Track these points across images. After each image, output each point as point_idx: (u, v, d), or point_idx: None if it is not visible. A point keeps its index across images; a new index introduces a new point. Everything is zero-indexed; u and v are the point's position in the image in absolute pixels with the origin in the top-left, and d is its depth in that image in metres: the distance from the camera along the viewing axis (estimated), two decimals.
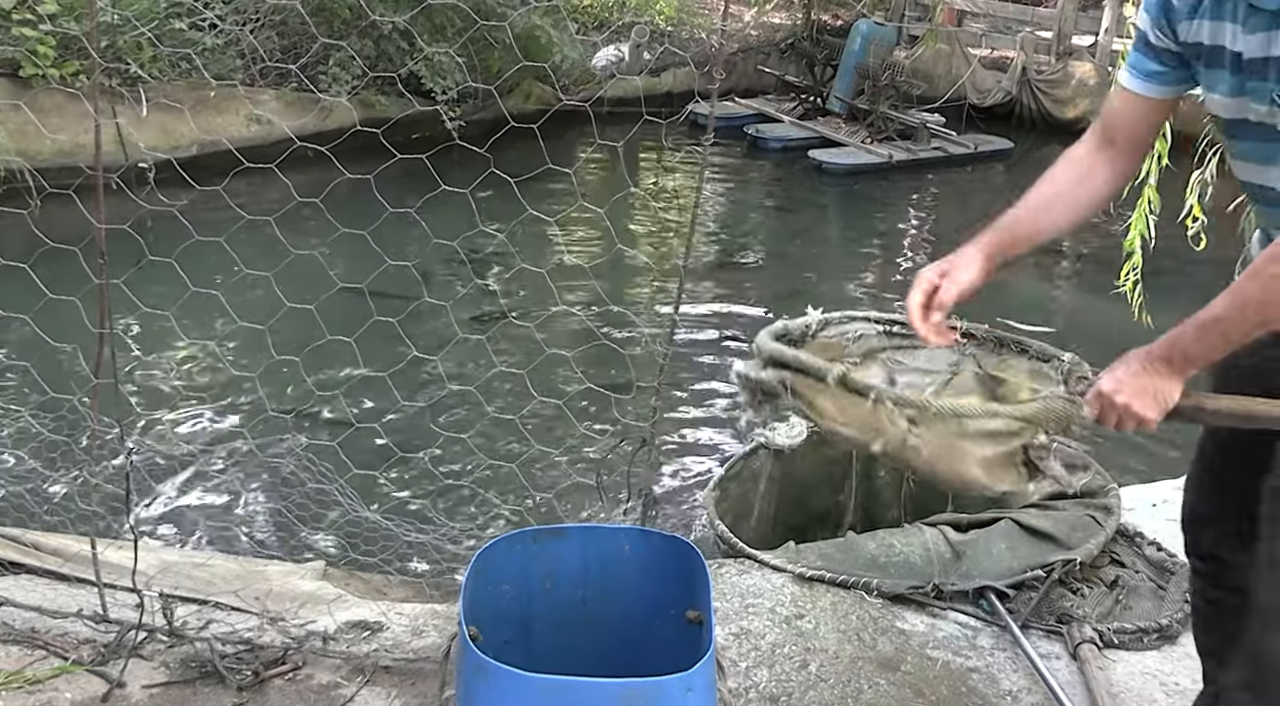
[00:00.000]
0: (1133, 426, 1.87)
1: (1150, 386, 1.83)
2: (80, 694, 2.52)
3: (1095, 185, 2.07)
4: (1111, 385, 1.86)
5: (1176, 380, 1.83)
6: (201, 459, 4.78)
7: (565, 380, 4.45)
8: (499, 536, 2.03)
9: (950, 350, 2.14)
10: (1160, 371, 1.82)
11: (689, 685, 1.70)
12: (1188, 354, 1.81)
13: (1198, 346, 1.79)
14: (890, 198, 10.99)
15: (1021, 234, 2.07)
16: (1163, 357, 1.82)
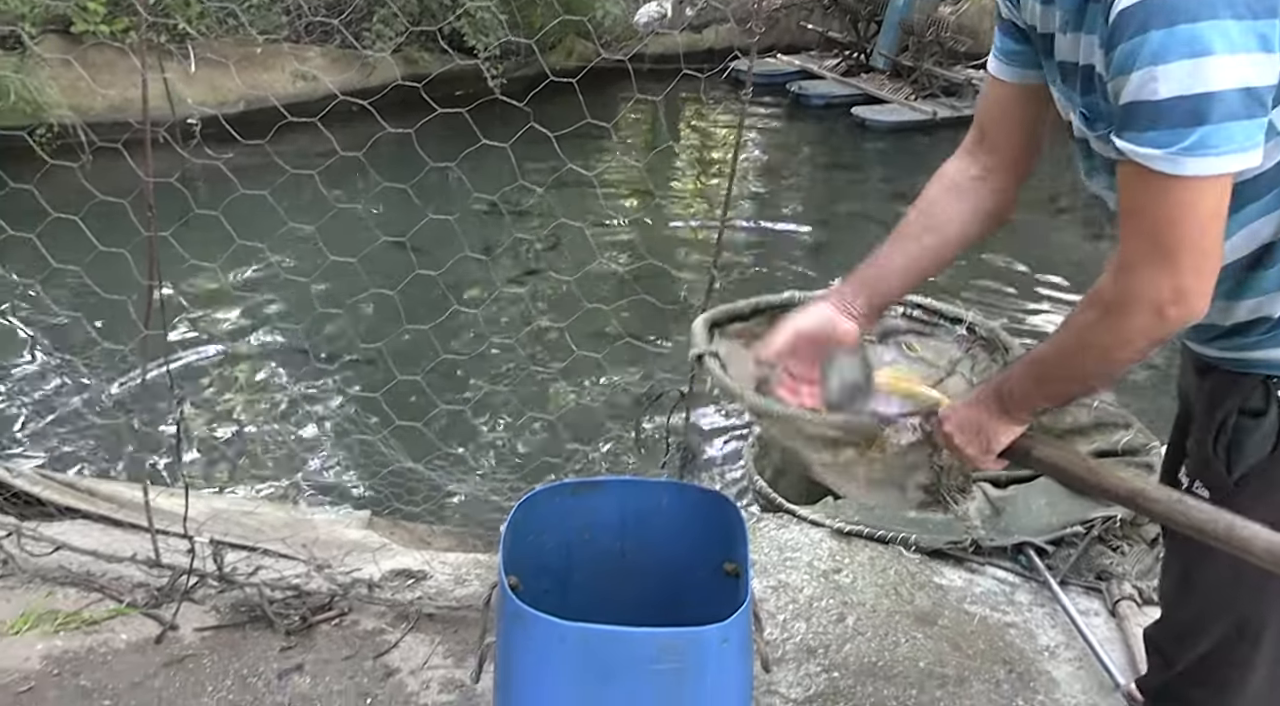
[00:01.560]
0: (967, 461, 1.68)
1: (976, 423, 1.62)
2: (135, 635, 2.60)
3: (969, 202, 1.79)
4: (945, 412, 1.67)
5: (1005, 421, 1.60)
6: (248, 409, 4.86)
7: (604, 334, 4.47)
8: (538, 488, 2.06)
9: (957, 346, 2.09)
10: (990, 409, 1.61)
11: (725, 636, 1.72)
12: (1014, 396, 1.59)
13: (1020, 390, 1.58)
14: (933, 155, 10.77)
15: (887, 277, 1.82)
16: (994, 395, 1.61)
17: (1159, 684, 1.85)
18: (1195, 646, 1.73)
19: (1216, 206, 1.34)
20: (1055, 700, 2.52)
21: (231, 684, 2.46)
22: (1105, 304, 1.43)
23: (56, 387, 4.87)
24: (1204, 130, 1.28)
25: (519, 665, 1.77)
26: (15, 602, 2.68)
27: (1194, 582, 1.71)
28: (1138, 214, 1.37)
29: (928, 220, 1.81)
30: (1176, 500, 1.51)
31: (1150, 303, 1.37)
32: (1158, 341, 1.43)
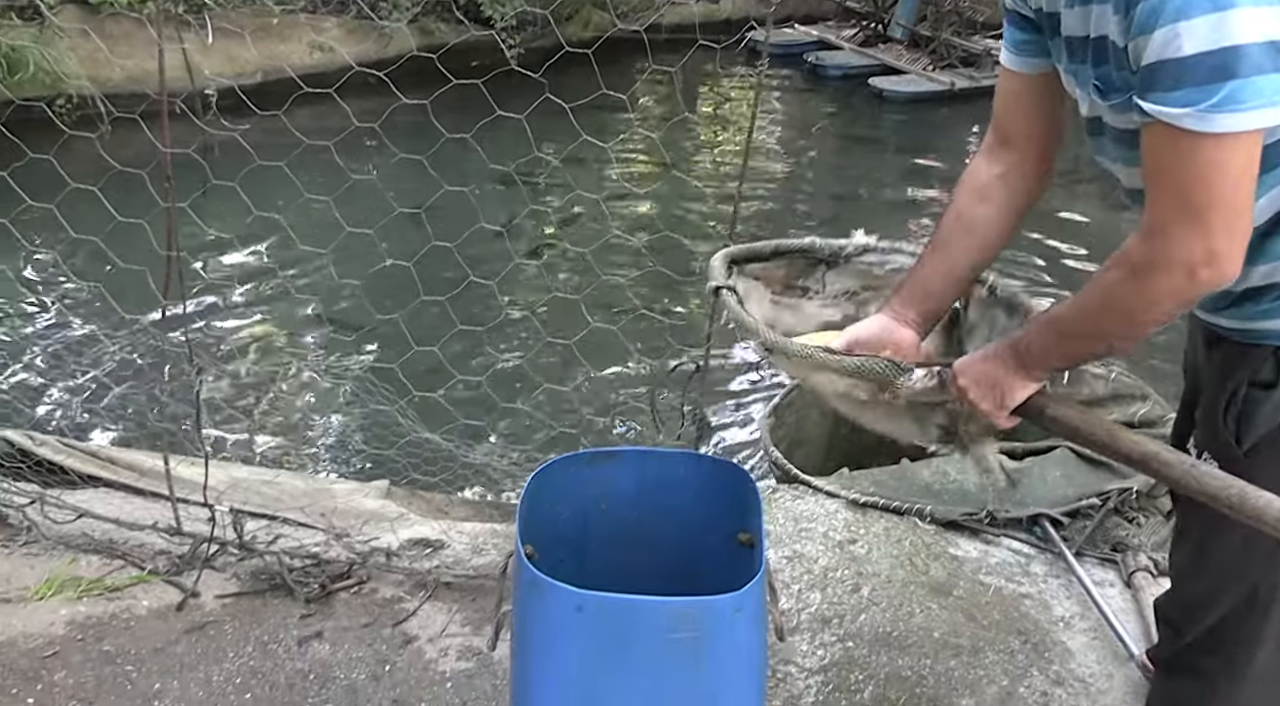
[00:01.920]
0: (980, 415, 1.68)
1: (991, 377, 1.62)
2: (157, 602, 2.63)
3: (998, 202, 1.78)
4: (960, 366, 1.67)
5: (1021, 377, 1.60)
6: (266, 379, 4.89)
7: (620, 305, 4.48)
8: (554, 458, 2.07)
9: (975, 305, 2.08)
10: (1006, 364, 1.61)
11: (739, 605, 1.73)
12: (1031, 352, 1.59)
13: (1039, 346, 1.59)
14: (951, 126, 10.78)
15: (933, 286, 1.82)
16: (1011, 350, 1.61)
17: (1169, 654, 1.86)
18: (1205, 617, 1.74)
19: (1247, 164, 1.32)
20: (1070, 670, 2.53)
21: (252, 650, 2.50)
22: (1133, 265, 1.42)
23: (77, 357, 4.91)
24: (1232, 85, 1.26)
25: (535, 633, 1.78)
26: (39, 569, 2.71)
27: (1206, 554, 1.72)
28: (1167, 175, 1.36)
29: (961, 226, 1.81)
30: (1190, 465, 1.51)
31: (1182, 264, 1.36)
32: (1185, 303, 1.43)
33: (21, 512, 2.86)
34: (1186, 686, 1.80)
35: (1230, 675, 1.74)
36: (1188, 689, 1.80)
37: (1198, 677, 1.77)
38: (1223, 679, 1.74)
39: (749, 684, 1.80)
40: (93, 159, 2.82)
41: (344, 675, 2.43)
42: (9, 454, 3.04)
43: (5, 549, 2.79)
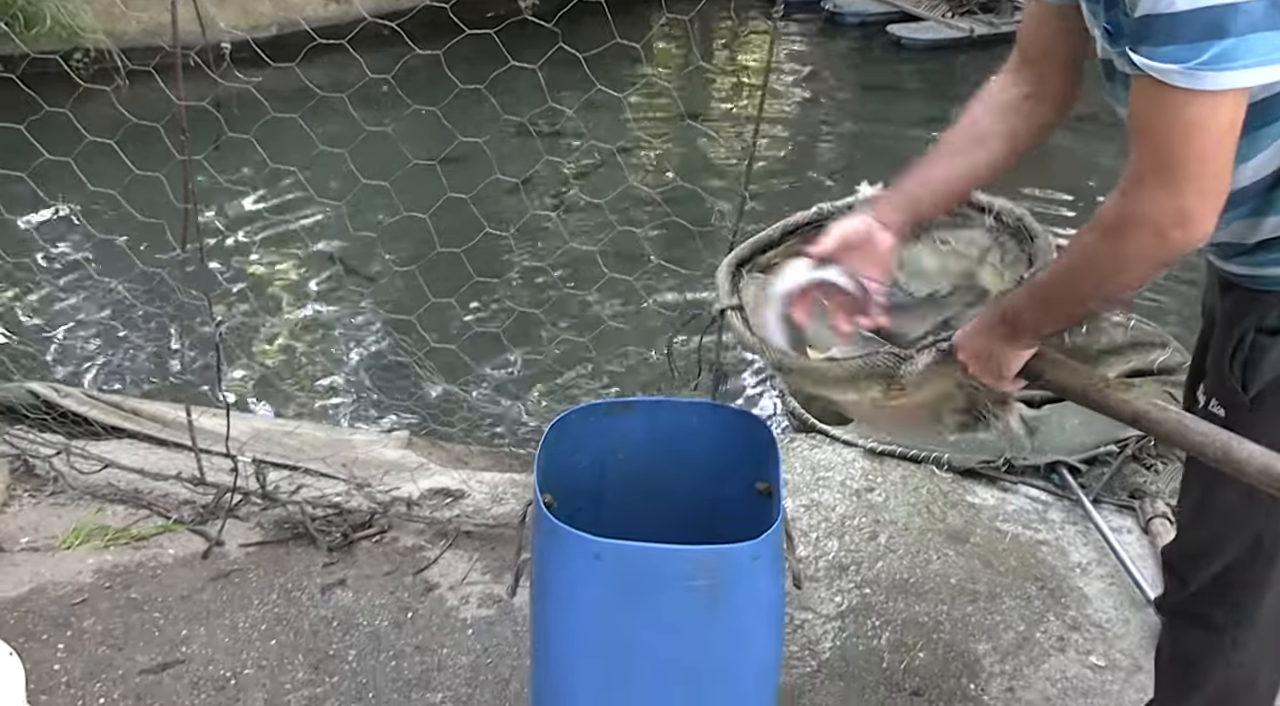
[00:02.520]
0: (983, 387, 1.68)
1: (986, 349, 1.60)
2: (182, 550, 2.68)
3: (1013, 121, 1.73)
4: (959, 340, 1.65)
5: (1014, 345, 1.58)
6: (285, 331, 4.92)
7: (636, 256, 4.47)
8: (571, 409, 2.08)
9: (988, 236, 2.05)
10: (999, 333, 1.58)
11: (756, 553, 1.75)
12: (1021, 320, 1.56)
13: (1027, 314, 1.55)
14: (970, 74, 10.63)
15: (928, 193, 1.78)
16: (1001, 318, 1.58)
17: (1175, 603, 1.87)
18: (1210, 565, 1.74)
19: (1231, 122, 1.29)
20: (1086, 615, 2.54)
21: (276, 597, 2.54)
22: (1105, 226, 1.40)
23: (98, 310, 4.93)
24: (1225, 43, 1.23)
25: (554, 581, 1.80)
26: (66, 518, 2.76)
27: (1210, 502, 1.72)
28: (1148, 131, 1.33)
29: (970, 136, 1.76)
30: (1177, 421, 1.51)
31: (1153, 224, 1.34)
32: (1159, 264, 1.40)
33: (48, 463, 2.91)
34: (1193, 636, 1.81)
35: (1237, 623, 1.74)
36: (1195, 638, 1.81)
37: (1205, 627, 1.78)
38: (1229, 627, 1.75)
39: (766, 630, 1.82)
40: (109, 112, 2.82)
41: (367, 622, 2.47)
42: (34, 406, 3.08)
43: (33, 499, 2.84)
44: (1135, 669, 2.38)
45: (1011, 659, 2.41)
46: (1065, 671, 2.38)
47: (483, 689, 2.29)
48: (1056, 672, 2.37)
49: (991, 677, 2.35)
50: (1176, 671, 1.87)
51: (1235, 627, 1.74)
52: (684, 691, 1.76)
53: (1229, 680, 1.79)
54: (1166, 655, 1.92)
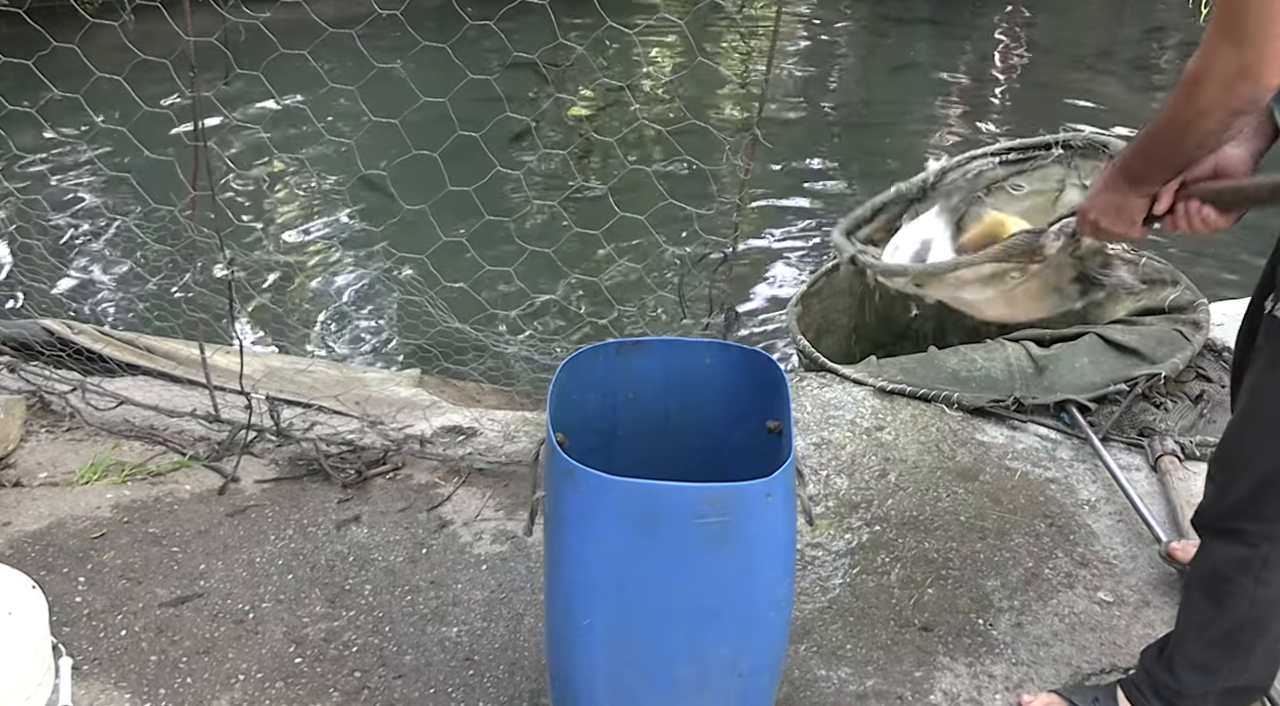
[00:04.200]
0: (1118, 238, 1.87)
1: (1114, 203, 1.77)
2: (199, 486, 2.71)
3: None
4: (1085, 204, 1.83)
5: (1136, 192, 1.75)
6: (297, 269, 4.92)
7: (647, 194, 4.45)
8: (583, 348, 2.08)
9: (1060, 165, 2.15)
10: (1119, 186, 1.76)
11: (769, 490, 1.76)
12: (1132, 168, 1.73)
13: (1141, 160, 1.71)
14: (982, 7, 10.49)
15: None
16: (1119, 171, 1.76)
17: (1211, 517, 1.90)
18: (1248, 476, 1.78)
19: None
20: (1095, 552, 2.57)
21: (292, 533, 2.57)
22: (1184, 80, 1.54)
23: (110, 248, 4.94)
24: None
25: (567, 518, 1.82)
26: (83, 454, 2.79)
27: (1256, 410, 1.77)
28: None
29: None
30: None
31: (1220, 76, 1.48)
32: (1233, 112, 1.52)
33: (64, 399, 2.93)
34: (1226, 551, 1.84)
35: (1270, 539, 1.78)
36: (1227, 554, 1.84)
37: (1238, 542, 1.81)
38: (1263, 543, 1.79)
39: (778, 567, 1.84)
40: (116, 48, 2.79)
41: (382, 557, 2.50)
42: (49, 342, 3.10)
43: (50, 435, 2.87)
44: (1143, 604, 2.41)
45: (1020, 594, 2.44)
46: (1073, 607, 2.40)
47: (497, 623, 2.33)
48: (1065, 608, 2.40)
49: (1000, 613, 2.38)
50: (1207, 587, 1.90)
51: (1269, 543, 1.79)
52: (696, 626, 1.79)
53: (1257, 599, 1.82)
54: (1198, 571, 1.95)
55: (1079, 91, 8.07)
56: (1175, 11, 9.87)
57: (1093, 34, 9.93)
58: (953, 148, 7.21)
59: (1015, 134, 7.21)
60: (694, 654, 1.81)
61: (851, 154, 6.92)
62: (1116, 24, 10.30)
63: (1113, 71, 8.78)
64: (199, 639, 2.26)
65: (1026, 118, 7.63)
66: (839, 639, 2.31)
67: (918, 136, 7.33)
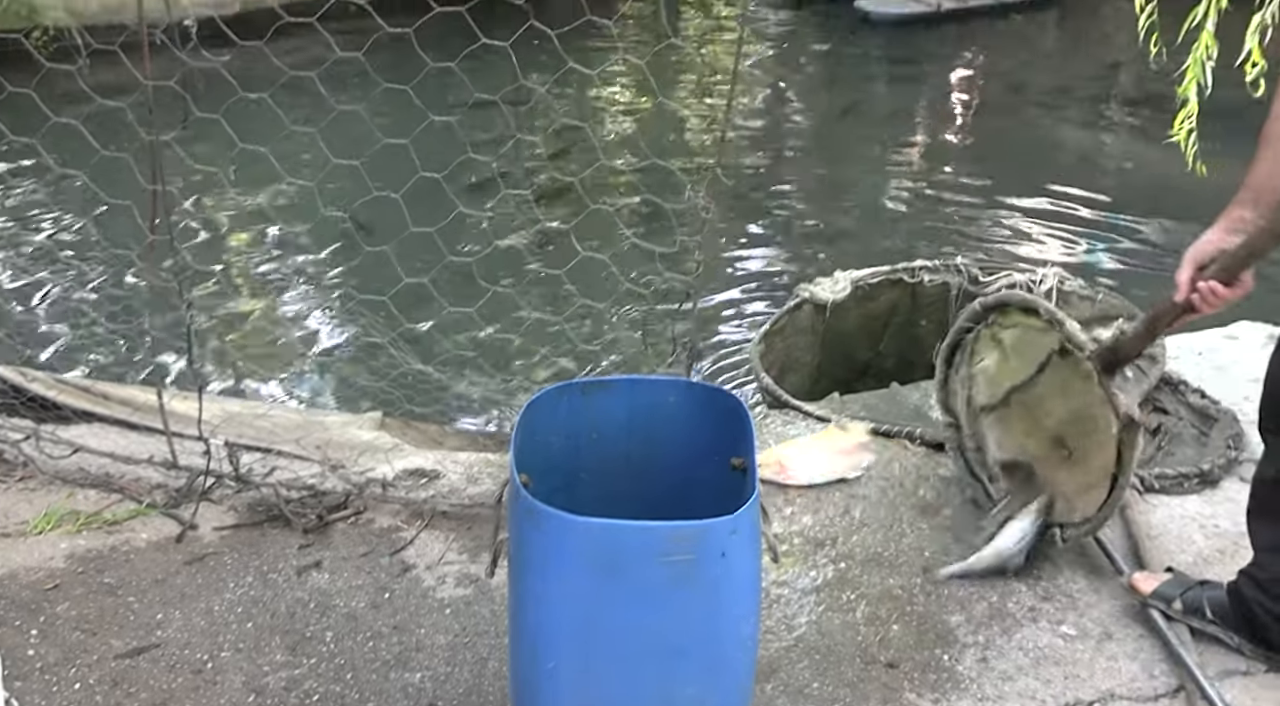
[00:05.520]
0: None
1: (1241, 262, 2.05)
2: (155, 534, 2.66)
3: None
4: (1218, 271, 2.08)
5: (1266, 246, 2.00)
6: (257, 312, 4.88)
7: (609, 235, 4.47)
8: (546, 388, 2.08)
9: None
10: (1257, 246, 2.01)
11: (733, 527, 1.76)
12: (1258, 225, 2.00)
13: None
14: (939, 49, 10.68)
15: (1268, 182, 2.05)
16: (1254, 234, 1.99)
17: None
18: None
19: None
20: (1058, 585, 2.57)
21: (252, 580, 2.53)
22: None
23: (66, 293, 4.88)
24: None
25: (531, 560, 1.81)
26: (37, 503, 2.73)
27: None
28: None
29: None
30: None
31: None
32: None
33: (17, 448, 2.88)
34: None
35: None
36: None
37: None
38: None
39: (744, 605, 1.84)
40: (73, 92, 2.78)
41: (344, 603, 2.47)
42: (1, 390, 3.05)
43: (2, 484, 2.81)
44: (1105, 637, 2.42)
45: (985, 629, 2.44)
46: (1037, 641, 2.41)
47: (461, 668, 2.30)
48: (1029, 642, 2.40)
49: (965, 648, 2.38)
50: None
51: None
52: (663, 667, 1.78)
53: None
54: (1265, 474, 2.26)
55: (1036, 128, 8.21)
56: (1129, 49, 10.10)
57: (1049, 72, 10.13)
58: (913, 186, 7.31)
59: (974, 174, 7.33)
60: (660, 695, 1.80)
61: (812, 193, 6.99)
62: (1072, 61, 10.51)
63: (1069, 107, 8.95)
64: (155, 691, 2.21)
65: (987, 156, 7.75)
66: (805, 677, 2.30)
67: (877, 175, 7.42)
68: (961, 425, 2.85)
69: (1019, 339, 2.64)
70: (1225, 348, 3.59)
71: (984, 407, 2.78)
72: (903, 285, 3.89)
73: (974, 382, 2.78)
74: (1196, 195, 5.56)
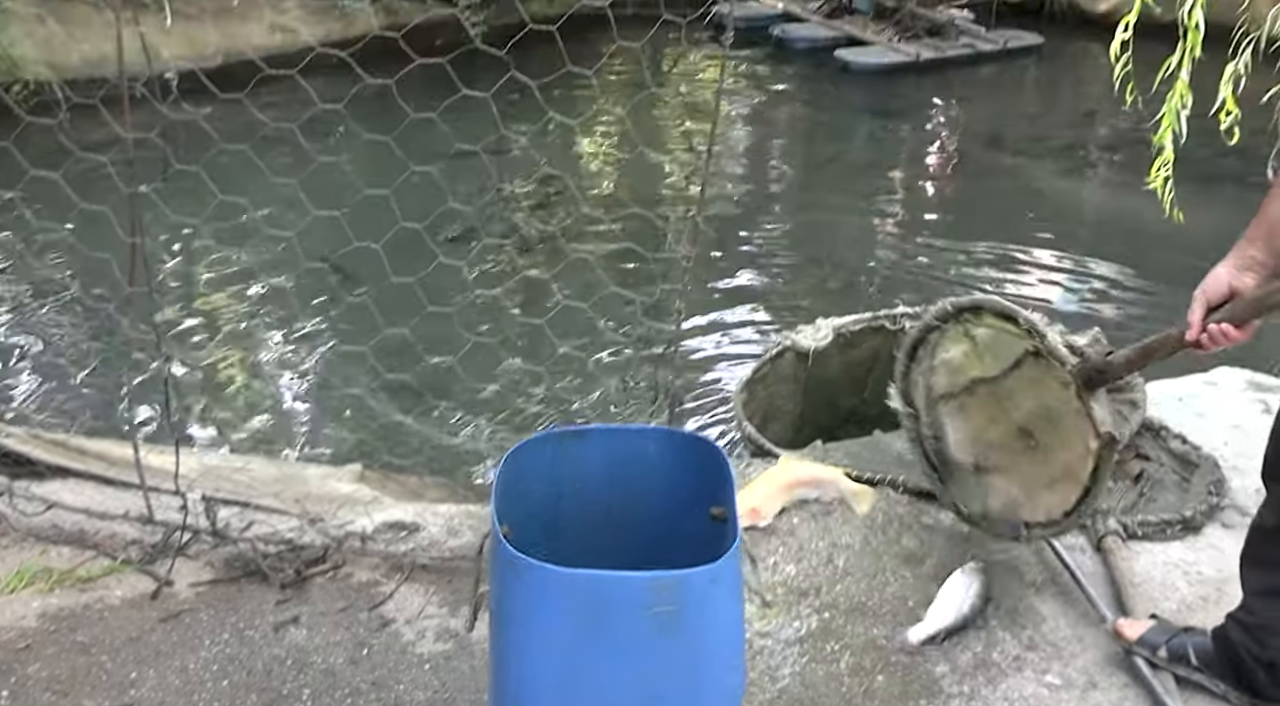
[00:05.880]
0: None
1: None
2: (130, 591, 2.62)
3: None
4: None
5: None
6: (236, 364, 4.86)
7: (591, 284, 4.48)
8: (527, 439, 2.07)
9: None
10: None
11: (714, 577, 1.74)
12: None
13: None
14: (918, 98, 10.80)
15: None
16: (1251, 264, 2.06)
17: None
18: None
19: None
20: (1042, 634, 2.56)
21: (228, 637, 2.49)
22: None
23: (43, 347, 4.85)
24: None
25: (513, 612, 1.79)
26: (9, 561, 2.69)
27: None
28: None
29: None
30: None
31: None
32: None
33: None
34: None
35: None
36: None
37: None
38: None
39: (728, 655, 1.82)
40: (53, 146, 2.78)
41: (321, 659, 2.43)
42: None
43: None
44: (1090, 686, 2.40)
45: (969, 680, 2.42)
46: (1022, 690, 2.39)
47: None
48: (1014, 692, 2.38)
49: (950, 699, 2.36)
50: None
51: None
52: None
53: None
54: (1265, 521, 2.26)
55: (1014, 176, 8.30)
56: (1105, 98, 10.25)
57: (1026, 120, 10.25)
58: (895, 234, 7.37)
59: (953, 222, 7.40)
60: None
61: (794, 241, 7.04)
62: (1049, 110, 10.65)
63: (1046, 155, 9.05)
64: None
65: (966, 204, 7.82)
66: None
67: (859, 223, 7.48)
68: (920, 414, 2.83)
69: (994, 338, 2.63)
70: (1205, 393, 3.60)
71: (943, 395, 2.76)
72: (885, 332, 3.89)
73: (935, 372, 2.77)
74: (1173, 241, 5.63)
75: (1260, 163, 3.39)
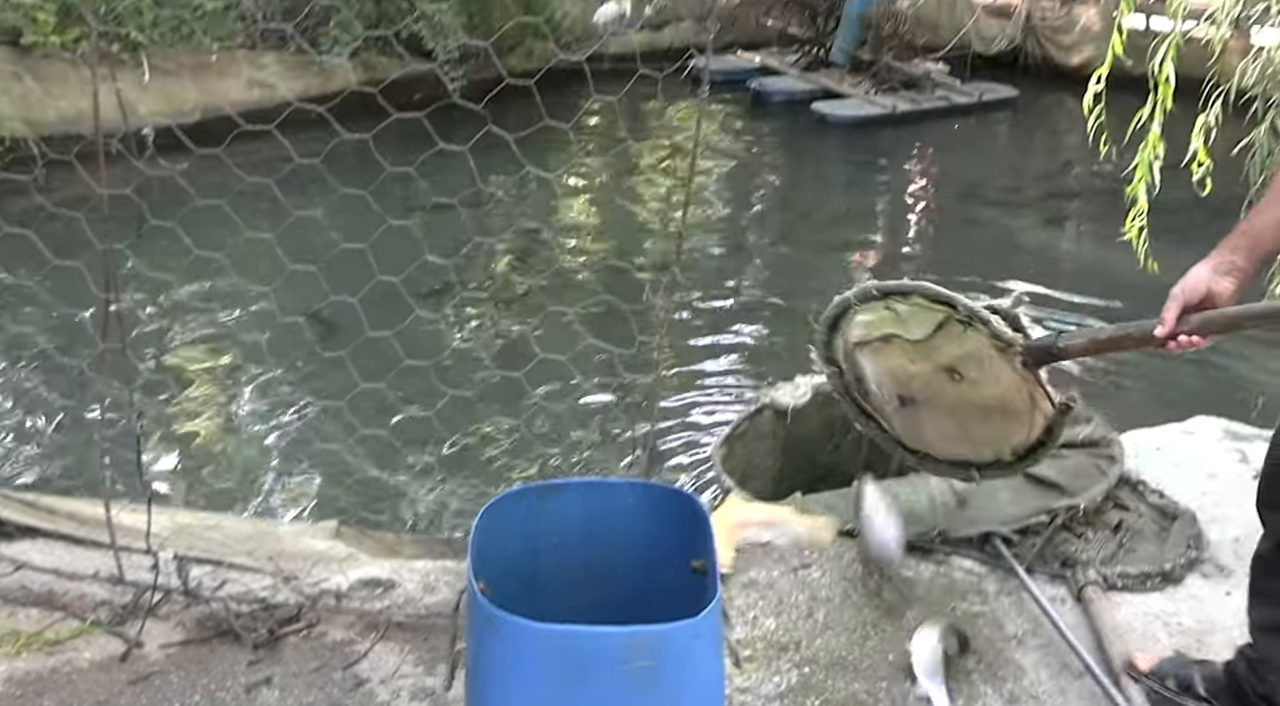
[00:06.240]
0: None
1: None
2: (99, 653, 2.57)
3: None
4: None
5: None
6: (210, 421, 4.82)
7: (568, 336, 4.48)
8: (503, 493, 2.05)
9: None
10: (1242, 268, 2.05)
11: (694, 632, 1.73)
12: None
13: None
14: (895, 150, 10.94)
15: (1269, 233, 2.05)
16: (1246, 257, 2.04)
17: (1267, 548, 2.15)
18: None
19: None
20: (1024, 687, 2.54)
21: (199, 699, 2.44)
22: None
23: (13, 404, 4.80)
24: None
25: (490, 669, 1.76)
26: None
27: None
28: None
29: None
30: None
31: None
32: None
33: None
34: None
35: None
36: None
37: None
38: None
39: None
40: (27, 202, 2.77)
41: None
42: None
43: None
44: None
45: None
46: None
47: None
48: None
49: None
50: None
51: None
52: None
53: None
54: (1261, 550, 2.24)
55: (991, 227, 8.38)
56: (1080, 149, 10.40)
57: (1002, 172, 10.39)
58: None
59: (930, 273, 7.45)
60: None
61: (772, 293, 7.06)
62: (1025, 161, 10.80)
63: (1022, 206, 9.16)
64: None
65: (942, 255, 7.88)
66: None
67: (837, 276, 7.52)
68: (842, 368, 2.86)
69: (913, 312, 2.65)
70: (1182, 443, 3.62)
71: (859, 342, 2.80)
72: None
73: (852, 329, 2.80)
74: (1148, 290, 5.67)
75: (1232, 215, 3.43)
